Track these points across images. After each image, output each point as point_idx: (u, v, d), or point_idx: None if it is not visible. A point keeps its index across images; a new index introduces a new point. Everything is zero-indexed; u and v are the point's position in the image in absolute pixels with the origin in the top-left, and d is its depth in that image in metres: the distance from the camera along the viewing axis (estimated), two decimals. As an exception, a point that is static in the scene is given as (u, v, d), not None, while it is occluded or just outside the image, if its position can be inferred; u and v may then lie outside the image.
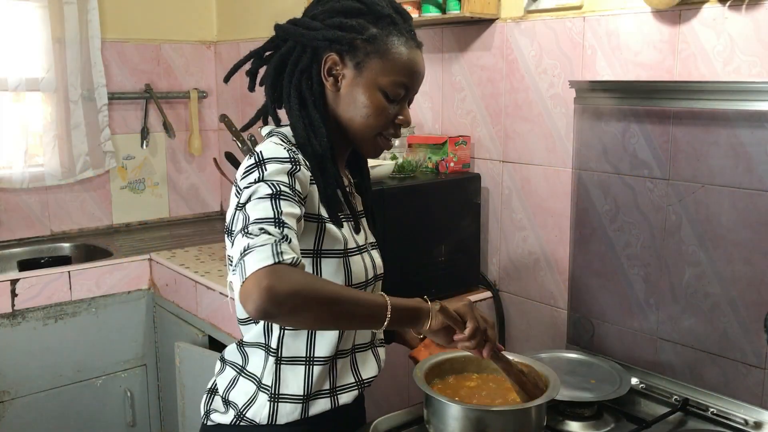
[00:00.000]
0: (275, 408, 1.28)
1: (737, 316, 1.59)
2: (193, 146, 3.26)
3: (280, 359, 1.27)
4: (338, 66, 1.26)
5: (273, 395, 1.27)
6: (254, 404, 1.28)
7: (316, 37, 1.25)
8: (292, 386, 1.28)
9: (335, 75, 1.27)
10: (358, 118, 1.27)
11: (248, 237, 1.07)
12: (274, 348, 1.27)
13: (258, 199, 1.12)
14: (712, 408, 1.59)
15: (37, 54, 2.78)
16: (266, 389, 1.28)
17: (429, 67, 2.35)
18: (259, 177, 1.15)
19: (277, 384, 1.27)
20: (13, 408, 2.39)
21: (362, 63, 1.25)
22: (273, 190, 1.13)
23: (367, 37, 1.24)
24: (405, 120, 1.31)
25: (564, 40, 1.93)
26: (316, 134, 1.26)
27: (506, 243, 2.17)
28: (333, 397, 1.32)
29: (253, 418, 1.28)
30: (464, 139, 2.16)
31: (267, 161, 1.17)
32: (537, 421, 1.31)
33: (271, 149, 1.20)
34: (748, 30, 1.56)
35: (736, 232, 1.57)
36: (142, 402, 2.67)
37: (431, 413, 1.34)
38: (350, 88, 1.27)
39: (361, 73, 1.25)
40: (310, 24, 1.27)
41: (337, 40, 1.24)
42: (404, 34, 1.27)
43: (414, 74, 1.29)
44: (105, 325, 2.55)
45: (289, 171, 1.17)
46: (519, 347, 2.16)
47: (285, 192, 1.14)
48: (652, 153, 1.71)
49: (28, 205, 2.89)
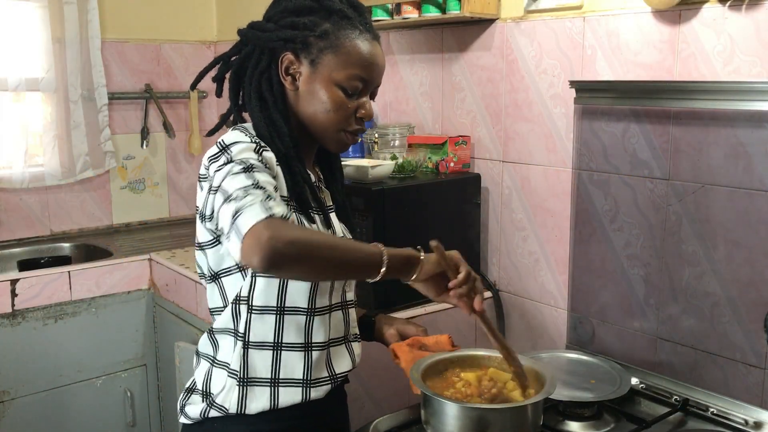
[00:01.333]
0: (244, 392, 1.28)
1: (737, 316, 1.59)
2: (193, 146, 3.26)
3: (247, 344, 1.28)
4: (294, 65, 1.28)
5: (241, 379, 1.28)
6: (224, 390, 1.29)
7: (271, 38, 1.28)
8: (260, 369, 1.28)
9: (292, 74, 1.29)
10: (319, 115, 1.29)
11: (235, 201, 1.09)
12: (242, 332, 1.28)
13: (232, 175, 1.14)
14: (712, 408, 1.59)
15: (37, 54, 2.78)
16: (234, 374, 1.28)
17: (429, 67, 2.37)
18: (228, 159, 1.18)
19: (245, 368, 1.28)
20: (13, 408, 2.39)
21: (316, 59, 1.27)
22: (244, 165, 1.16)
23: (319, 33, 1.26)
24: (366, 113, 1.33)
25: (564, 40, 1.93)
26: (279, 134, 1.27)
27: (506, 243, 2.17)
28: (305, 388, 1.31)
29: (222, 404, 1.29)
30: (464, 139, 2.16)
31: (230, 145, 1.21)
32: (534, 419, 1.31)
33: (231, 137, 1.24)
34: (748, 30, 1.55)
35: (736, 232, 1.57)
36: (142, 402, 2.67)
37: (429, 414, 1.33)
38: (308, 85, 1.29)
39: (317, 69, 1.27)
40: (265, 26, 1.30)
41: (290, 39, 1.26)
42: (358, 27, 1.29)
43: (370, 66, 1.31)
44: (105, 325, 2.55)
45: (254, 149, 1.21)
46: (519, 347, 2.15)
47: (256, 165, 1.17)
48: (652, 153, 1.71)
49: (28, 205, 2.89)
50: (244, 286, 1.27)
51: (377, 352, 1.56)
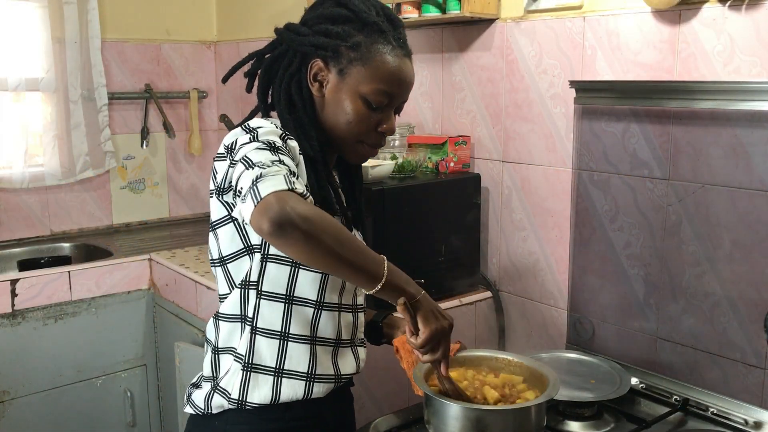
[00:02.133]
0: (247, 377, 1.27)
1: (737, 316, 1.59)
2: (193, 146, 3.26)
3: (255, 329, 1.28)
4: (323, 72, 1.29)
5: (246, 365, 1.28)
6: (228, 373, 1.29)
7: (304, 43, 1.28)
8: (266, 357, 1.28)
9: (320, 80, 1.29)
10: (340, 124, 1.30)
11: (260, 167, 1.10)
12: (250, 317, 1.28)
13: (256, 149, 1.16)
14: (712, 408, 1.59)
15: (37, 54, 2.78)
16: (240, 358, 1.28)
17: (429, 67, 2.37)
18: (253, 137, 1.19)
19: (251, 354, 1.28)
20: (13, 408, 2.39)
21: (345, 70, 1.27)
22: (269, 145, 1.17)
23: (352, 45, 1.26)
24: (388, 129, 1.32)
25: (564, 40, 1.93)
26: (307, 137, 1.27)
27: (506, 243, 2.17)
28: (308, 382, 1.30)
29: (225, 388, 1.29)
30: (464, 139, 2.16)
31: (257, 128, 1.22)
32: (537, 421, 1.31)
33: (257, 122, 1.25)
34: (748, 30, 1.56)
35: (736, 232, 1.57)
36: (142, 402, 2.67)
37: (431, 413, 1.34)
38: (334, 93, 1.29)
39: (344, 79, 1.27)
40: (300, 29, 1.30)
41: (322, 46, 1.27)
42: (391, 42, 1.28)
43: (398, 83, 1.29)
44: (105, 325, 2.55)
45: (280, 135, 1.22)
46: (519, 347, 2.16)
47: (281, 148, 1.19)
48: (652, 153, 1.71)
49: (28, 205, 2.89)
50: (253, 271, 1.27)
51: (377, 352, 1.56)
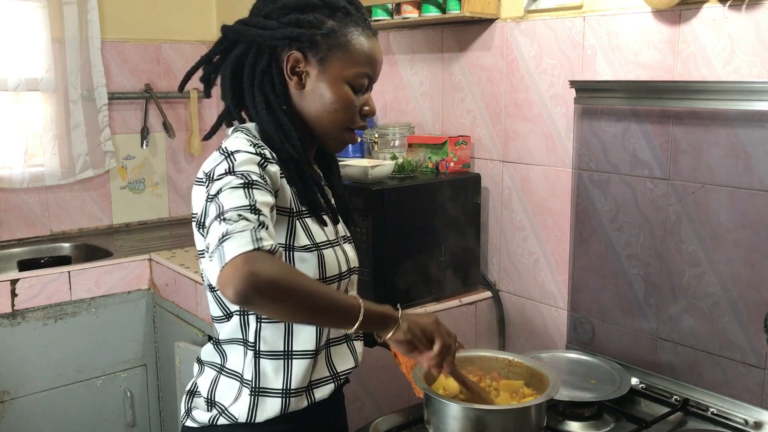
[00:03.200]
0: (255, 401, 1.26)
1: (737, 316, 1.59)
2: (193, 146, 3.26)
3: (258, 353, 1.26)
4: (301, 63, 1.26)
5: (254, 389, 1.26)
6: (239, 400, 1.27)
7: (275, 36, 1.24)
8: (272, 380, 1.26)
9: (298, 73, 1.26)
10: (326, 114, 1.28)
11: (226, 223, 1.05)
12: (252, 342, 1.26)
13: (230, 188, 1.10)
14: (712, 408, 1.59)
15: (37, 54, 2.78)
16: (248, 384, 1.27)
17: (429, 67, 2.37)
18: (229, 168, 1.14)
19: (257, 378, 1.26)
20: (13, 408, 2.39)
21: (325, 58, 1.25)
22: (245, 180, 1.12)
23: (327, 32, 1.24)
24: (371, 109, 1.32)
25: (564, 40, 1.93)
26: (288, 137, 1.25)
27: (506, 243, 2.17)
28: (309, 392, 1.30)
29: (233, 413, 1.27)
30: (464, 139, 2.16)
31: (234, 153, 1.17)
32: (537, 421, 1.31)
33: (236, 144, 1.20)
34: (748, 30, 1.55)
35: (736, 232, 1.57)
36: (142, 402, 2.67)
37: (431, 413, 1.34)
38: (315, 84, 1.26)
39: (326, 68, 1.25)
40: (266, 23, 1.25)
41: (297, 37, 1.23)
42: (360, 24, 1.27)
43: (375, 63, 1.30)
44: (105, 325, 2.55)
45: (258, 162, 1.17)
46: (519, 347, 2.16)
47: (257, 182, 1.13)
48: (652, 153, 1.71)
49: (28, 205, 2.89)
50: None
51: (377, 351, 1.56)
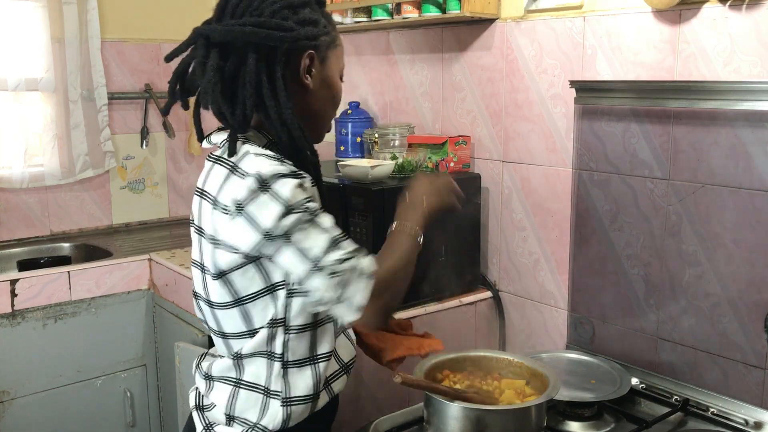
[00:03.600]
0: (288, 411, 1.25)
1: (737, 316, 1.59)
2: (192, 146, 3.25)
3: (286, 363, 1.24)
4: (313, 62, 1.26)
5: (285, 399, 1.25)
6: (267, 412, 1.25)
7: (296, 38, 1.20)
8: (302, 388, 1.26)
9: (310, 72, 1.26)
10: (328, 108, 1.32)
11: (337, 275, 1.13)
12: (279, 353, 1.24)
13: (300, 231, 1.13)
14: (712, 408, 1.59)
15: (37, 54, 2.78)
16: (276, 395, 1.25)
17: (429, 67, 2.37)
18: (284, 209, 1.12)
19: (287, 388, 1.25)
20: (13, 408, 2.39)
21: (324, 54, 1.28)
22: (309, 212, 1.14)
23: (324, 28, 1.27)
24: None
25: (564, 40, 1.93)
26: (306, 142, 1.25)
27: (506, 243, 2.16)
28: (327, 388, 1.32)
29: (266, 426, 1.25)
30: (464, 139, 2.16)
31: (270, 181, 1.13)
32: (537, 421, 1.31)
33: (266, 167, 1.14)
34: (748, 30, 1.55)
35: (736, 232, 1.57)
36: (142, 402, 2.67)
37: (431, 413, 1.34)
38: (320, 81, 1.28)
39: (325, 64, 1.28)
40: (281, 24, 1.19)
41: (313, 36, 1.23)
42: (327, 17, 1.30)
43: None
44: (105, 325, 2.55)
45: (299, 184, 1.15)
46: (519, 347, 2.16)
47: (313, 208, 1.15)
48: (652, 153, 1.71)
49: (27, 205, 2.89)
50: (279, 308, 1.22)
51: (377, 352, 1.56)
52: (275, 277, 1.20)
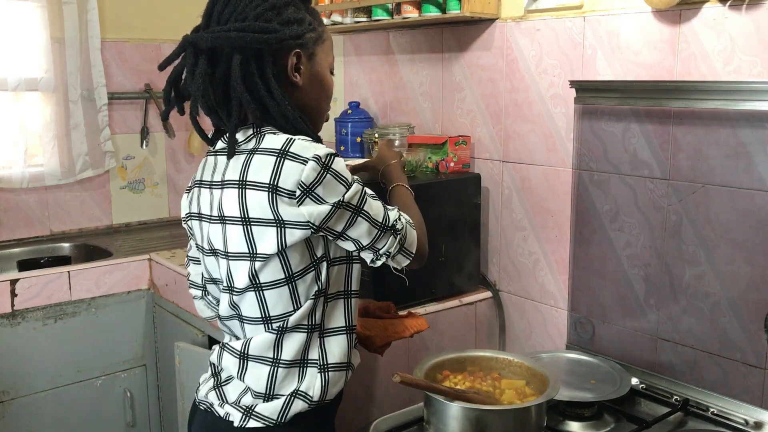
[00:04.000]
0: (327, 378, 1.30)
1: (737, 316, 1.59)
2: (192, 146, 3.25)
3: (323, 332, 1.31)
4: (301, 60, 1.30)
5: (323, 366, 1.30)
6: (305, 380, 1.29)
7: (281, 38, 1.24)
8: (338, 355, 1.32)
9: (298, 70, 1.30)
10: (322, 102, 1.36)
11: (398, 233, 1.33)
12: (318, 323, 1.29)
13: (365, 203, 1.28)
14: (712, 408, 1.59)
15: (37, 54, 2.78)
16: (314, 363, 1.30)
17: (429, 67, 2.37)
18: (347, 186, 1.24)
19: (323, 355, 1.30)
20: (13, 408, 2.39)
21: (312, 51, 1.31)
22: (360, 186, 1.28)
23: (309, 26, 1.30)
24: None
25: (564, 40, 1.93)
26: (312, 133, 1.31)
27: (506, 243, 2.16)
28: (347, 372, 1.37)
29: (308, 393, 1.28)
30: (464, 139, 2.16)
31: (329, 161, 1.22)
32: (537, 421, 1.31)
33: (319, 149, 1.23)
34: (748, 30, 1.55)
35: (736, 232, 1.57)
36: (142, 402, 2.67)
37: (431, 413, 1.34)
38: (309, 77, 1.31)
39: (313, 59, 1.32)
40: (266, 27, 1.23)
41: (298, 35, 1.27)
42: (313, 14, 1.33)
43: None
44: (105, 325, 2.55)
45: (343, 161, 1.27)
46: (519, 347, 2.16)
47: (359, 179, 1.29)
48: (652, 153, 1.71)
49: (27, 205, 2.89)
50: (322, 279, 1.29)
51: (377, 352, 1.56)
52: (318, 251, 1.27)
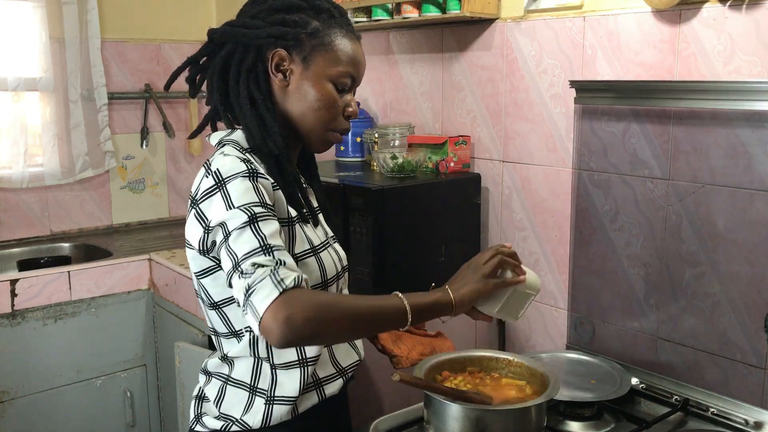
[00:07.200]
0: (270, 410, 1.27)
1: (737, 316, 1.59)
2: (192, 146, 3.26)
3: (273, 366, 1.27)
4: (285, 61, 1.27)
5: (269, 398, 1.27)
6: (251, 409, 1.27)
7: (260, 35, 1.26)
8: (288, 388, 1.27)
9: (283, 70, 1.28)
10: (310, 113, 1.29)
11: (245, 277, 1.07)
12: (265, 355, 1.27)
13: (236, 231, 1.12)
14: (712, 408, 1.59)
15: (36, 54, 2.78)
16: (262, 393, 1.27)
17: (429, 67, 2.37)
18: (228, 205, 1.14)
19: (273, 387, 1.27)
20: (13, 408, 2.39)
21: (309, 57, 1.27)
22: (247, 216, 1.12)
23: (311, 31, 1.27)
24: (353, 111, 1.33)
25: (564, 39, 1.93)
26: (270, 134, 1.26)
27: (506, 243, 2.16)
28: (318, 389, 1.32)
29: (247, 422, 1.27)
30: (464, 139, 2.16)
31: (227, 181, 1.16)
32: (537, 421, 1.31)
33: (227, 165, 1.18)
34: (748, 30, 1.55)
35: (736, 232, 1.57)
36: (142, 402, 2.67)
37: (431, 413, 1.33)
38: (299, 82, 1.28)
39: (309, 66, 1.27)
40: (251, 23, 1.27)
41: (281, 35, 1.26)
42: (344, 27, 1.30)
43: (358, 64, 1.31)
44: (105, 325, 2.55)
45: (252, 187, 1.16)
46: (519, 347, 2.16)
47: (259, 213, 1.13)
48: (652, 153, 1.71)
49: (27, 205, 2.89)
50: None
51: (377, 351, 1.56)
52: None
